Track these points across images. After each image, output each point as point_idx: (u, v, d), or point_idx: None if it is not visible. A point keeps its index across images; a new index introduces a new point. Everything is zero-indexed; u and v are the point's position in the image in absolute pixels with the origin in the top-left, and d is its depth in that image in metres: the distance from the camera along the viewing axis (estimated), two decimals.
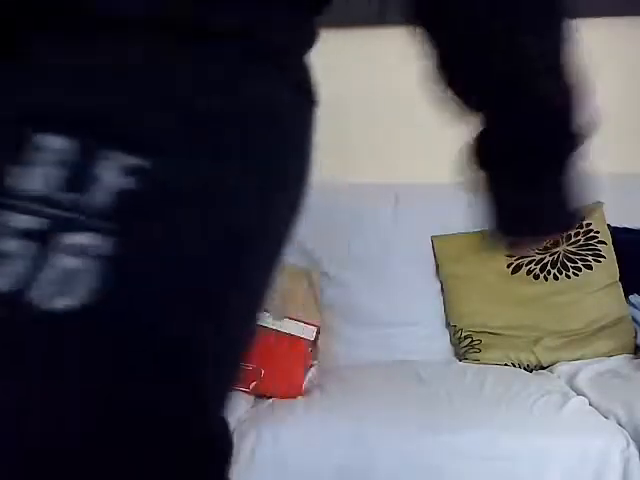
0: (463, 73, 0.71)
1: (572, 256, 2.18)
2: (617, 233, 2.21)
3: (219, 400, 0.67)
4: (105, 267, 0.56)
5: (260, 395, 1.80)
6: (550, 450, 1.48)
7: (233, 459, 0.67)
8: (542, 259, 2.19)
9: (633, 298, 2.15)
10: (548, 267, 2.17)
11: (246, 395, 1.79)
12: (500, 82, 0.70)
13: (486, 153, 0.77)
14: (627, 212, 2.24)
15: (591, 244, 2.18)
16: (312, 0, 0.70)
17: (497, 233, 0.83)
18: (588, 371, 1.90)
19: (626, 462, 1.46)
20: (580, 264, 2.16)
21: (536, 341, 2.09)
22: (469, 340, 2.13)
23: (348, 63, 2.49)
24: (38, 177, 0.56)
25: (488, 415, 1.60)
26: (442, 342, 2.21)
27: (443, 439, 1.50)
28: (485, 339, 2.12)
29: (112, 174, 0.56)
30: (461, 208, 2.44)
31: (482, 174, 0.79)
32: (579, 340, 2.09)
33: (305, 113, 0.70)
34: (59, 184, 0.56)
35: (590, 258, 2.17)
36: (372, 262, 2.28)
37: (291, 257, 2.31)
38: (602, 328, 2.11)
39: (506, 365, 2.05)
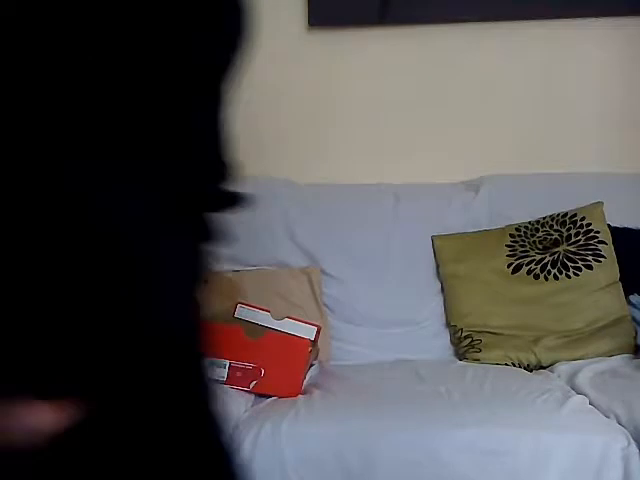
0: None
1: (572, 256, 2.18)
2: (617, 233, 2.21)
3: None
4: None
5: (260, 394, 1.80)
6: (550, 448, 1.48)
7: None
8: (542, 259, 2.19)
9: (633, 298, 2.15)
10: (548, 267, 2.17)
11: (246, 394, 1.79)
12: None
13: None
14: (627, 212, 2.25)
15: (591, 244, 2.18)
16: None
17: None
18: (588, 371, 1.90)
19: (626, 461, 1.46)
20: (580, 264, 2.16)
21: (536, 341, 2.09)
22: (469, 340, 2.13)
23: (348, 63, 2.49)
24: None
25: (488, 412, 1.60)
26: (442, 342, 2.21)
27: (443, 436, 1.50)
28: (485, 339, 2.12)
29: None
30: (461, 208, 2.47)
31: None
32: (579, 340, 2.09)
33: None
34: None
35: (590, 258, 2.17)
36: (372, 262, 2.28)
37: (291, 257, 2.31)
38: (602, 328, 2.11)
39: (506, 365, 2.05)
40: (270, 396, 1.78)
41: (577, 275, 2.15)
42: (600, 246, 2.18)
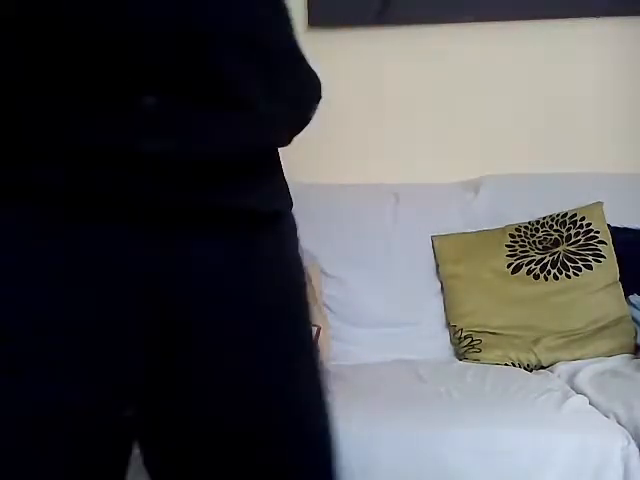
0: None
1: (572, 256, 2.18)
2: (617, 233, 2.21)
3: None
4: None
5: None
6: (550, 448, 1.48)
7: None
8: (542, 259, 2.19)
9: (633, 298, 2.15)
10: (548, 267, 2.17)
11: None
12: None
13: None
14: (627, 212, 2.25)
15: (591, 244, 2.18)
16: None
17: None
18: (588, 371, 1.90)
19: (626, 460, 1.47)
20: (580, 264, 2.16)
21: (536, 341, 2.09)
22: (469, 340, 2.13)
23: (348, 63, 2.49)
24: None
25: (488, 412, 1.60)
26: (442, 342, 2.21)
27: (443, 436, 1.50)
28: (485, 339, 2.12)
29: None
30: (461, 208, 2.46)
31: None
32: (579, 340, 2.09)
33: None
34: None
35: (590, 258, 2.17)
36: (372, 262, 2.28)
37: None
38: (602, 328, 2.11)
39: (506, 365, 2.05)
40: None
41: (577, 275, 2.15)
42: (600, 246, 2.18)
